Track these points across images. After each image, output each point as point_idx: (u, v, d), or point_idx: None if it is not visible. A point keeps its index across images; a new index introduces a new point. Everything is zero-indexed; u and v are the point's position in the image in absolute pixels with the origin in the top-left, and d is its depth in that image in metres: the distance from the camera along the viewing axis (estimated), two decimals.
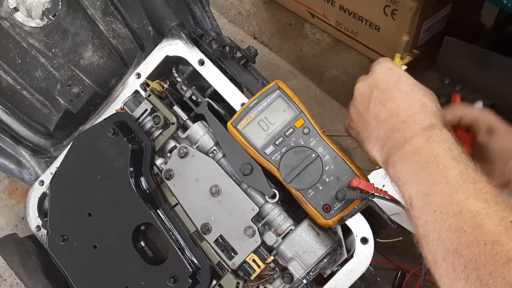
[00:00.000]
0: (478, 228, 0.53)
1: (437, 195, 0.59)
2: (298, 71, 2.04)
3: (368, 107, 0.74)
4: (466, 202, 0.56)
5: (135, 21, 1.09)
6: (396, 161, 0.67)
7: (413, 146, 0.65)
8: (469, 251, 0.53)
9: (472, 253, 0.52)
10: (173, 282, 0.86)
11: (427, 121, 0.68)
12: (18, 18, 1.06)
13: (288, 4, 2.23)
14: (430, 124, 0.67)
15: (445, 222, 0.57)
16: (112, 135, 0.92)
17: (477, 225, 0.54)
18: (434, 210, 0.59)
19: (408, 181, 0.64)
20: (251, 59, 0.99)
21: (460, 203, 0.57)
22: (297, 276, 0.84)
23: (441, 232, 0.57)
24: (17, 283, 0.97)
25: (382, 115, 0.72)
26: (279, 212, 0.88)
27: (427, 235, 0.59)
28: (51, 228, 0.96)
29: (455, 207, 0.57)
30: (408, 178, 0.64)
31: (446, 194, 0.59)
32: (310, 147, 0.84)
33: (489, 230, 0.53)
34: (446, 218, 0.57)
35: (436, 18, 1.80)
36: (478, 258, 0.52)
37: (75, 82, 1.06)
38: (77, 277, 0.93)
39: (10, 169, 1.18)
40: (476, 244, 0.53)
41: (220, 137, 0.91)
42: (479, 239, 0.53)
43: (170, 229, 0.90)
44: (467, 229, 0.54)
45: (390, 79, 0.73)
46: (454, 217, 0.56)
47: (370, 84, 0.75)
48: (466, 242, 0.54)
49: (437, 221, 0.58)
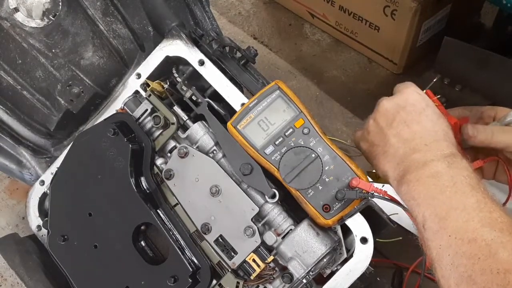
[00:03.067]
0: (492, 257, 0.54)
1: (453, 220, 0.60)
2: (298, 71, 2.04)
3: (392, 124, 0.74)
4: (481, 230, 0.57)
5: (135, 22, 1.09)
6: (412, 180, 0.67)
7: (433, 169, 0.66)
8: (482, 279, 0.54)
9: (485, 281, 0.53)
10: (173, 282, 0.86)
11: (450, 149, 0.69)
12: (19, 18, 1.06)
13: (288, 4, 2.23)
14: (452, 152, 0.68)
15: (460, 248, 0.58)
16: (112, 135, 0.92)
17: (491, 253, 0.55)
18: (449, 235, 0.59)
19: (423, 203, 0.65)
20: (251, 59, 0.99)
21: (475, 231, 0.57)
22: (297, 276, 0.84)
23: (455, 258, 0.58)
24: (17, 282, 0.97)
25: (405, 135, 0.72)
26: (279, 212, 0.88)
27: (441, 259, 0.60)
28: (51, 228, 0.96)
29: (470, 234, 0.57)
30: (424, 200, 0.65)
31: (463, 220, 0.59)
32: (310, 147, 0.84)
33: (503, 259, 0.53)
34: (460, 244, 0.58)
35: (436, 18, 1.80)
36: (491, 286, 0.53)
37: (76, 82, 1.07)
38: (77, 276, 0.94)
39: (11, 169, 1.18)
40: (489, 272, 0.53)
41: (220, 137, 0.91)
42: (493, 267, 0.53)
43: (170, 229, 0.90)
44: (481, 257, 0.55)
45: (419, 104, 0.74)
46: (469, 244, 0.57)
47: (397, 103, 0.76)
48: (480, 269, 0.54)
49: (452, 247, 0.59)
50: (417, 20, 1.73)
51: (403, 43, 1.83)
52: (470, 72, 1.62)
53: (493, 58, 1.54)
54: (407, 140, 0.72)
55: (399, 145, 0.73)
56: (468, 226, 0.58)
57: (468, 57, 1.61)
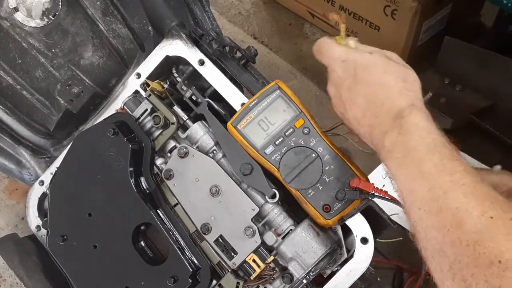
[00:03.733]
0: (459, 228, 0.54)
1: (417, 192, 0.59)
2: (298, 71, 2.04)
3: (345, 107, 0.75)
4: (444, 197, 0.56)
5: (135, 21, 1.09)
6: (383, 158, 0.67)
7: (389, 142, 0.65)
8: (453, 251, 0.53)
9: (456, 253, 0.53)
10: (173, 282, 0.86)
11: (395, 108, 0.66)
12: (18, 18, 1.06)
13: (288, 4, 2.23)
14: (397, 112, 0.66)
15: (429, 220, 0.57)
16: (112, 135, 0.92)
17: (458, 224, 0.54)
18: (419, 208, 0.59)
19: (395, 178, 0.65)
20: (251, 59, 0.99)
21: (439, 199, 0.56)
22: (297, 276, 0.84)
23: (427, 231, 0.57)
24: (17, 283, 0.97)
25: (358, 114, 0.72)
26: (279, 212, 0.88)
27: (417, 233, 0.60)
28: (51, 228, 0.96)
29: (435, 203, 0.57)
30: (394, 176, 0.65)
31: (425, 190, 0.58)
32: (310, 147, 0.84)
33: (470, 229, 0.53)
34: (429, 216, 0.57)
35: (436, 18, 1.80)
36: (462, 259, 0.52)
37: (75, 82, 1.06)
38: (77, 277, 0.93)
39: (10, 169, 1.18)
40: (459, 244, 0.53)
41: (220, 137, 0.91)
42: (462, 239, 0.53)
43: (170, 229, 0.90)
44: (450, 228, 0.54)
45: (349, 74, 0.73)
46: (436, 216, 0.56)
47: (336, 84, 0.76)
48: (450, 241, 0.54)
49: (422, 219, 0.58)
50: (418, 20, 1.73)
51: (403, 43, 1.82)
52: (470, 72, 1.62)
53: (494, 58, 1.54)
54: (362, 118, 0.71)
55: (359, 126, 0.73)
56: (432, 195, 0.57)
57: (468, 57, 1.61)
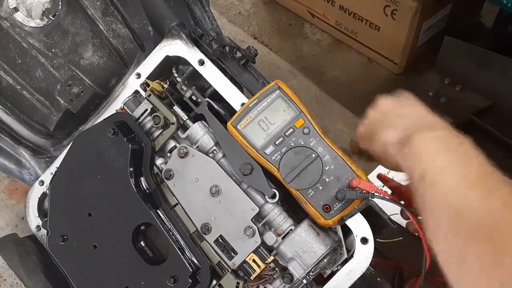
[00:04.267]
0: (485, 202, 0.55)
1: (452, 171, 0.61)
2: (298, 71, 2.04)
3: (395, 108, 0.79)
4: (480, 178, 0.59)
5: (135, 21, 1.09)
6: (420, 139, 0.68)
7: (442, 133, 0.68)
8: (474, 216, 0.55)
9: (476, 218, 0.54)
10: (173, 282, 0.86)
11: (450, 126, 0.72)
12: (18, 18, 1.06)
13: (288, 4, 2.23)
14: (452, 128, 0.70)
15: (456, 192, 0.59)
16: (112, 135, 0.92)
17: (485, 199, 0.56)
18: (447, 181, 0.61)
19: (428, 158, 0.66)
20: (251, 59, 0.99)
21: (473, 181, 0.59)
22: (297, 276, 0.84)
23: (449, 198, 0.59)
24: (17, 283, 0.97)
25: (408, 112, 0.76)
26: (279, 212, 0.88)
27: (434, 204, 0.61)
28: (51, 228, 0.96)
29: (469, 182, 0.59)
30: (427, 155, 0.66)
31: (463, 172, 0.61)
32: (310, 147, 0.84)
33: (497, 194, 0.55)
34: (456, 189, 0.59)
35: (436, 18, 1.80)
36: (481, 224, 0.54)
37: (75, 82, 1.06)
38: (77, 277, 0.93)
39: (10, 169, 1.18)
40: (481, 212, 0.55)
41: (220, 137, 0.91)
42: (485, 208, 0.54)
43: (170, 229, 0.90)
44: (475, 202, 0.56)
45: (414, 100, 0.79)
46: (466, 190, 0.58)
47: (394, 98, 0.81)
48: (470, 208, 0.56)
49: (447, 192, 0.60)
50: (418, 20, 1.73)
51: (403, 43, 1.83)
52: (470, 72, 1.62)
53: (494, 58, 1.54)
54: (410, 114, 0.75)
55: (402, 118, 0.76)
56: (467, 177, 0.60)
57: (468, 57, 1.61)
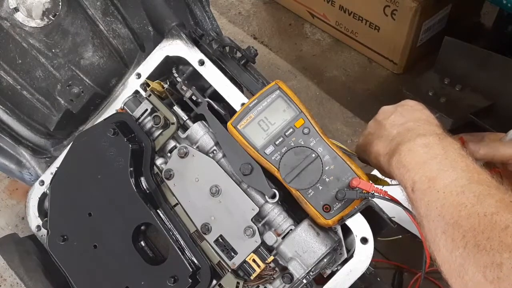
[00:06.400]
0: (479, 204, 0.56)
1: (442, 179, 0.62)
2: (298, 71, 2.04)
3: (389, 117, 0.79)
4: (469, 185, 0.59)
5: (135, 21, 1.09)
6: (404, 150, 0.70)
7: (425, 141, 0.69)
8: (468, 222, 0.55)
9: (471, 223, 0.55)
10: (173, 282, 0.86)
11: (440, 130, 0.72)
12: (19, 18, 1.06)
13: (288, 4, 2.23)
14: (442, 132, 0.71)
15: (447, 200, 0.60)
16: (112, 135, 0.92)
17: (478, 201, 0.56)
18: (438, 190, 0.61)
19: (414, 168, 0.67)
20: (251, 59, 0.99)
21: (463, 186, 0.60)
22: (297, 276, 0.84)
23: (443, 209, 0.59)
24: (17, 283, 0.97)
25: (400, 121, 0.76)
26: (279, 212, 0.88)
27: (429, 214, 0.62)
28: (51, 228, 0.96)
29: (459, 188, 0.60)
30: (415, 165, 0.67)
31: (452, 179, 0.61)
32: (310, 147, 0.84)
33: (490, 204, 0.55)
34: (449, 196, 0.60)
35: (436, 18, 1.80)
36: (477, 227, 0.54)
37: (75, 82, 1.06)
38: (77, 277, 0.93)
39: (11, 169, 1.18)
40: (476, 215, 0.55)
41: (220, 137, 0.91)
42: (479, 211, 0.55)
43: (170, 229, 0.90)
44: (468, 204, 0.57)
45: (416, 105, 0.80)
46: (457, 196, 0.59)
47: (396, 105, 0.81)
48: (466, 215, 0.56)
49: (439, 200, 0.61)
50: (417, 20, 1.73)
51: (403, 43, 1.83)
52: (470, 72, 1.62)
53: (493, 58, 1.54)
54: (401, 124, 0.76)
55: (393, 128, 0.77)
56: (457, 183, 0.61)
57: (468, 57, 1.61)
